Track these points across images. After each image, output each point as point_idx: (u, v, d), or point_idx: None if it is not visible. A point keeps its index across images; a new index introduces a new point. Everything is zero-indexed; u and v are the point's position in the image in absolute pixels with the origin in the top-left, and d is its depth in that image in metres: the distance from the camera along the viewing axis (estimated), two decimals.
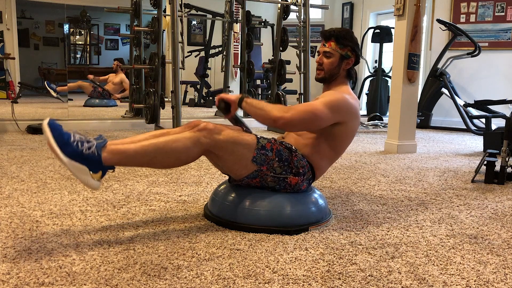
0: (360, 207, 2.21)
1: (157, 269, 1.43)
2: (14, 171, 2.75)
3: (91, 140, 1.60)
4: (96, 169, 1.59)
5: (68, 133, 1.58)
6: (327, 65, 1.95)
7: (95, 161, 1.58)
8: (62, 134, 1.55)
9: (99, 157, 1.59)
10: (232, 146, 1.74)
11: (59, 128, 1.56)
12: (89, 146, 1.58)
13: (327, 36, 1.95)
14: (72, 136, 1.57)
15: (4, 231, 1.74)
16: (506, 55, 5.89)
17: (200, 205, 2.16)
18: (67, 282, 1.33)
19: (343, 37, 1.93)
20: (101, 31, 7.84)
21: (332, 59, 1.94)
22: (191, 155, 1.70)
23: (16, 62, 6.25)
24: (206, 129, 1.70)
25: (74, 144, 1.56)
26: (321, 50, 1.98)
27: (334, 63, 1.94)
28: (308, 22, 5.36)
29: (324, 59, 1.96)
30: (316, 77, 2.01)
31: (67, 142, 1.55)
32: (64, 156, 1.54)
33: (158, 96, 4.68)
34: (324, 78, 1.98)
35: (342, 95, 1.89)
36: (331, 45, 1.94)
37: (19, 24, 6.51)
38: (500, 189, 2.69)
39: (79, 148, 1.56)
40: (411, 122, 3.96)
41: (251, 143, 1.79)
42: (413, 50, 3.79)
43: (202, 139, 1.69)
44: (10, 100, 5.63)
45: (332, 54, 1.94)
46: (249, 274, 1.42)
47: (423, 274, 1.46)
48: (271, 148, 1.82)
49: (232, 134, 1.75)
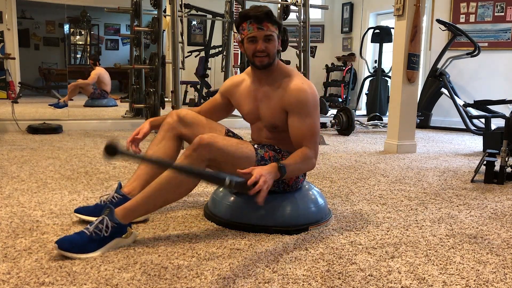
0: (360, 207, 2.22)
1: (157, 269, 1.44)
2: (14, 171, 2.75)
3: (103, 219, 1.58)
4: (123, 232, 1.61)
5: (81, 232, 1.56)
6: (272, 49, 1.78)
7: (118, 230, 1.59)
8: (76, 240, 1.52)
9: (120, 225, 1.59)
10: (232, 159, 1.72)
11: (69, 240, 1.52)
12: (106, 225, 1.57)
13: (261, 17, 1.74)
14: (86, 231, 1.55)
15: (4, 231, 1.74)
16: (506, 55, 5.89)
17: (200, 205, 2.16)
18: (67, 282, 1.33)
19: (273, 15, 1.77)
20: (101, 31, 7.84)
21: (273, 41, 1.78)
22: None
23: (17, 62, 6.25)
24: (202, 144, 1.66)
25: (94, 235, 1.54)
26: (259, 34, 1.75)
27: (275, 45, 1.80)
28: (308, 22, 5.36)
29: (266, 44, 1.76)
30: (259, 65, 1.80)
31: (86, 242, 1.53)
32: (95, 252, 1.53)
33: (158, 96, 4.68)
34: (269, 63, 1.80)
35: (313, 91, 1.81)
36: (268, 26, 1.75)
37: (20, 24, 6.50)
38: (500, 189, 2.69)
39: (100, 236, 1.55)
40: (411, 122, 3.96)
41: (250, 155, 1.78)
42: (413, 50, 3.80)
43: (203, 157, 1.66)
44: (11, 100, 5.64)
45: (272, 36, 1.77)
46: (249, 274, 1.42)
47: (423, 273, 1.46)
48: (269, 157, 1.82)
49: (230, 146, 1.73)
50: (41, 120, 4.68)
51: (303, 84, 1.80)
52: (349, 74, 8.19)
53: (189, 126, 1.93)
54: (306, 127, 1.78)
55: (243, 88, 1.95)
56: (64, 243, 1.50)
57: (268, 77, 1.86)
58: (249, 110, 1.94)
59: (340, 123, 5.05)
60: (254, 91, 1.90)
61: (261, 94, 1.88)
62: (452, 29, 5.62)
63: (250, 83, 1.93)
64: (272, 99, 1.84)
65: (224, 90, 2.03)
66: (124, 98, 6.77)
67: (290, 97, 1.79)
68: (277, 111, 1.82)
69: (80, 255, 1.50)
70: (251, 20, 1.75)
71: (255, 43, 1.77)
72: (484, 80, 6.04)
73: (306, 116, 1.77)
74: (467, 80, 6.16)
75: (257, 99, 1.90)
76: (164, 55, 4.85)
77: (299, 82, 1.80)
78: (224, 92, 2.03)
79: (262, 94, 1.88)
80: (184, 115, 1.94)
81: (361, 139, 4.82)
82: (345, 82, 8.22)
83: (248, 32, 1.77)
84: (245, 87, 1.95)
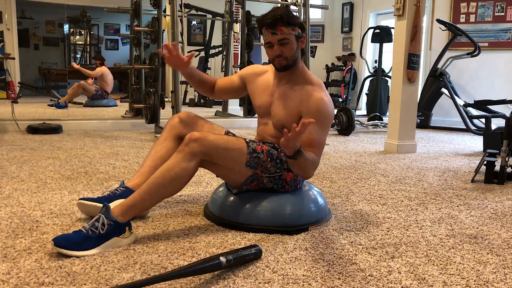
0: (360, 207, 2.22)
1: (157, 269, 1.44)
2: (14, 171, 2.75)
3: (99, 216, 1.59)
4: (121, 232, 1.61)
5: (78, 231, 1.57)
6: (288, 52, 1.79)
7: (116, 228, 1.59)
8: (72, 238, 1.53)
9: (116, 222, 1.59)
10: (224, 152, 1.73)
11: (65, 237, 1.53)
12: (102, 222, 1.57)
13: (273, 22, 1.75)
14: (83, 229, 1.57)
15: (4, 231, 1.74)
16: (506, 55, 5.89)
17: (200, 205, 2.16)
18: (67, 282, 1.33)
19: (288, 16, 1.76)
20: (101, 31, 7.83)
21: (290, 44, 1.78)
22: (191, 170, 1.70)
23: (16, 62, 6.25)
24: (192, 139, 1.68)
25: (90, 233, 1.55)
26: (274, 40, 1.77)
27: (293, 47, 1.79)
28: (308, 22, 5.36)
29: (282, 48, 1.78)
30: (278, 67, 1.83)
31: (82, 240, 1.53)
32: (91, 250, 1.54)
33: (158, 96, 4.68)
34: (289, 65, 1.82)
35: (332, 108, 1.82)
36: (282, 30, 1.75)
37: (19, 24, 6.50)
38: (500, 189, 2.69)
39: (96, 233, 1.56)
40: (411, 122, 3.96)
41: (241, 146, 1.78)
42: (413, 50, 3.79)
43: (194, 150, 1.68)
44: (10, 100, 5.63)
45: (288, 39, 1.77)
46: (249, 274, 1.42)
47: (423, 274, 1.46)
48: (261, 150, 1.81)
49: (221, 140, 1.74)
50: (41, 120, 4.68)
51: (326, 97, 1.82)
52: (349, 74, 8.19)
53: (189, 127, 1.97)
54: (317, 137, 1.78)
55: (263, 80, 1.97)
56: (60, 240, 1.51)
57: (290, 78, 1.88)
58: (262, 104, 1.96)
59: (340, 123, 5.05)
60: (273, 87, 1.92)
61: (278, 92, 1.90)
62: (452, 29, 5.62)
63: (271, 78, 1.95)
64: (289, 100, 1.85)
65: (244, 74, 2.05)
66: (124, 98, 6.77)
67: (310, 104, 1.79)
68: (292, 113, 1.83)
69: (77, 252, 1.51)
70: (266, 26, 1.77)
71: (272, 48, 1.80)
72: (484, 80, 6.04)
73: (320, 127, 1.78)
74: (467, 80, 6.16)
75: (273, 96, 1.91)
76: None
77: (322, 94, 1.82)
78: (243, 76, 2.05)
79: (280, 93, 1.89)
80: (184, 117, 2.00)
81: (361, 139, 4.82)
82: (345, 82, 8.22)
83: (265, 38, 1.80)
84: (265, 79, 1.97)
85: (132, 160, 3.24)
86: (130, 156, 3.37)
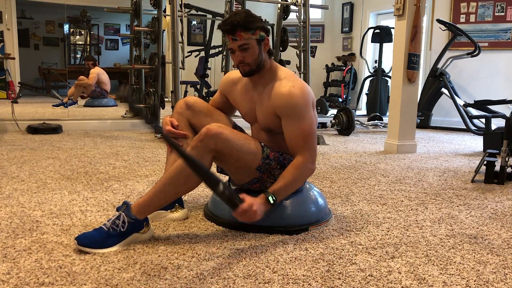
0: (360, 207, 2.21)
1: (157, 269, 1.44)
2: (14, 171, 2.75)
3: (120, 215, 1.63)
4: (140, 228, 1.65)
5: (99, 228, 1.61)
6: (250, 57, 1.74)
7: (135, 225, 1.63)
8: (95, 236, 1.57)
9: (136, 220, 1.63)
10: (237, 153, 1.71)
11: (87, 236, 1.57)
12: (123, 220, 1.61)
13: (231, 29, 1.70)
14: (104, 227, 1.60)
15: (4, 231, 1.74)
16: (506, 55, 5.89)
17: (200, 205, 2.16)
18: (67, 282, 1.33)
19: (247, 21, 1.70)
20: (101, 31, 7.82)
21: (251, 49, 1.73)
22: (207, 165, 1.68)
23: (16, 62, 6.24)
24: (208, 135, 1.65)
25: (111, 231, 1.59)
26: (234, 46, 1.73)
27: (255, 52, 1.74)
28: (308, 22, 5.36)
29: (243, 53, 1.73)
30: (242, 73, 1.79)
31: (104, 237, 1.57)
32: (114, 247, 1.58)
33: (158, 96, 4.68)
34: (252, 70, 1.77)
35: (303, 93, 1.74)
36: (241, 35, 1.70)
37: (19, 24, 6.49)
38: (500, 189, 2.69)
39: (117, 231, 1.60)
40: (411, 122, 3.96)
41: (256, 152, 1.76)
42: (413, 50, 3.79)
43: (208, 147, 1.65)
44: (10, 100, 5.63)
45: (248, 44, 1.72)
46: (249, 274, 1.42)
47: (423, 274, 1.46)
48: (274, 157, 1.80)
49: (237, 140, 1.70)
50: (40, 120, 4.68)
51: (292, 87, 1.74)
52: (349, 74, 8.18)
53: (197, 115, 1.92)
54: (299, 131, 1.74)
55: (241, 87, 1.93)
56: (83, 239, 1.55)
57: (260, 80, 1.84)
58: (247, 112, 1.93)
59: (340, 123, 5.05)
60: (251, 91, 1.89)
61: (256, 95, 1.86)
62: (452, 29, 5.62)
63: (248, 82, 1.90)
64: (264, 102, 1.82)
65: (223, 88, 2.01)
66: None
67: (279, 102, 1.75)
68: (270, 115, 1.80)
69: (100, 250, 1.54)
70: (225, 32, 1.73)
71: (234, 54, 1.76)
72: (484, 80, 6.04)
73: (298, 120, 1.74)
74: (467, 80, 6.16)
75: (253, 101, 1.88)
76: (164, 55, 4.85)
77: (288, 85, 1.75)
78: (222, 90, 2.01)
79: (257, 97, 1.86)
80: (192, 103, 1.93)
81: (361, 139, 4.82)
82: (345, 82, 8.22)
83: (227, 44, 1.78)
84: (243, 85, 1.93)
85: (132, 160, 3.24)
86: (130, 156, 3.37)
